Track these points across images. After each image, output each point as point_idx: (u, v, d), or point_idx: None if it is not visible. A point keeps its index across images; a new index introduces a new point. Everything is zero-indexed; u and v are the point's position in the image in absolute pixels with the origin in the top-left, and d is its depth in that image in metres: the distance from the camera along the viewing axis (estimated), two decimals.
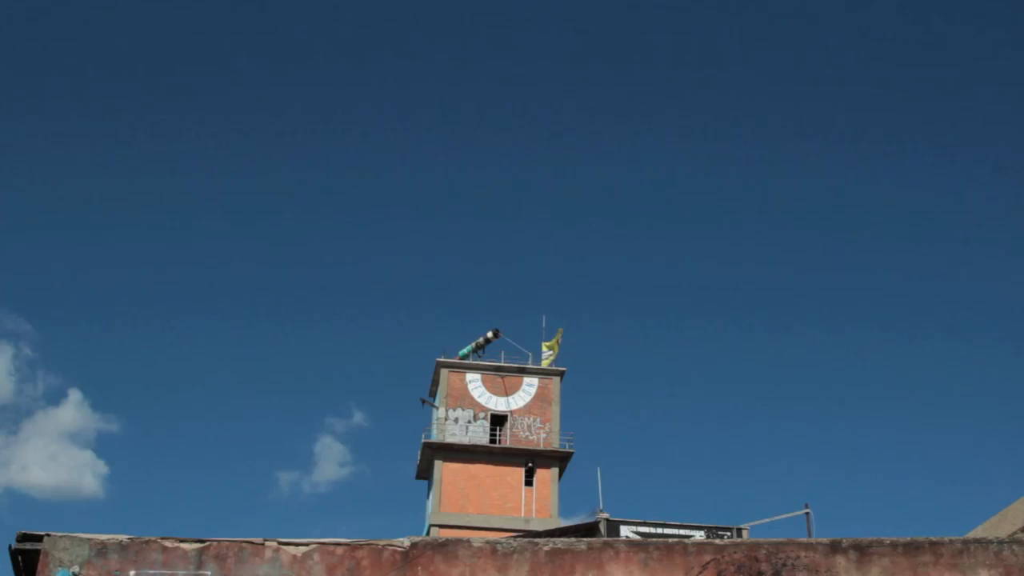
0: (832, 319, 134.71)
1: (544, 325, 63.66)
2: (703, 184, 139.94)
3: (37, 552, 19.71)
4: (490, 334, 62.84)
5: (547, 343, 62.12)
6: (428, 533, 54.69)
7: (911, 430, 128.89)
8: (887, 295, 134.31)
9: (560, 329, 61.61)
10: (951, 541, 19.96)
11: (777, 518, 34.30)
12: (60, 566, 19.51)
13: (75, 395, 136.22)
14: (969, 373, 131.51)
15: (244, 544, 19.82)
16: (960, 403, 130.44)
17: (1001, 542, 20.09)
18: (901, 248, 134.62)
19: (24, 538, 19.96)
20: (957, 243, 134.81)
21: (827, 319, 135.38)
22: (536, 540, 20.49)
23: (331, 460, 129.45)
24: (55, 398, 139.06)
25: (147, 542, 19.84)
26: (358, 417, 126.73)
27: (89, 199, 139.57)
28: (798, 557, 19.73)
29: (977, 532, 24.62)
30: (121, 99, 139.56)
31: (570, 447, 59.30)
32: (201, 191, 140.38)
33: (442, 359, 61.02)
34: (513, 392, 60.17)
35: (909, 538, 19.95)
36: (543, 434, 59.14)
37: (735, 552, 19.87)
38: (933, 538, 19.97)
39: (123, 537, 19.87)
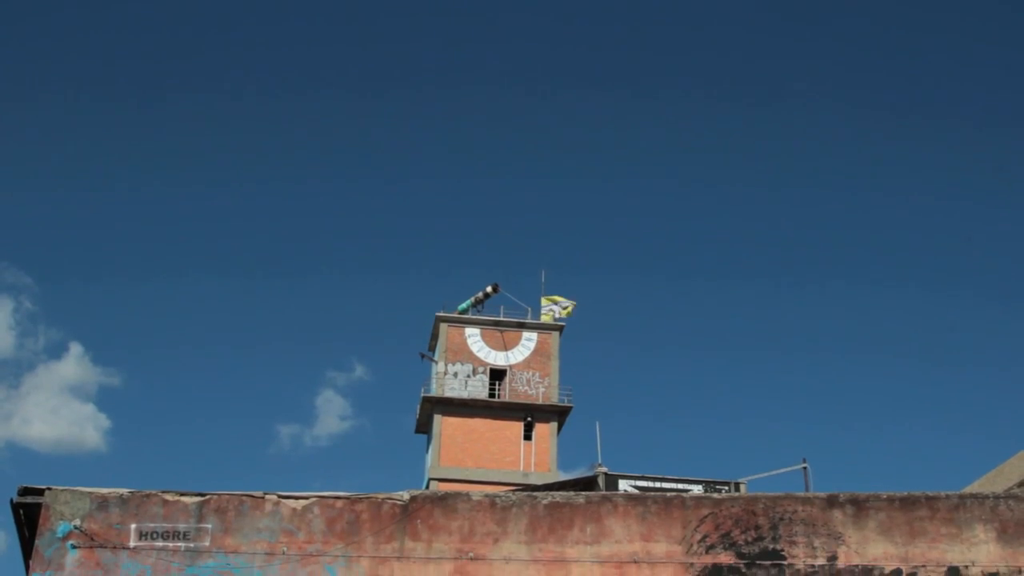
0: (831, 272, 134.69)
1: (543, 280, 63.70)
2: (703, 140, 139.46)
3: (39, 506, 19.82)
4: (489, 289, 62.81)
5: (547, 297, 62.14)
6: (427, 487, 54.97)
7: (909, 385, 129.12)
8: (887, 248, 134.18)
9: (573, 301, 61.74)
10: (947, 496, 20.08)
11: (775, 472, 34.46)
12: (61, 519, 19.63)
13: (76, 349, 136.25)
14: (968, 328, 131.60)
15: (244, 497, 19.93)
16: (959, 358, 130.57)
17: (997, 497, 20.22)
18: (900, 200, 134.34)
19: (25, 492, 20.06)
20: (959, 195, 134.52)
21: (826, 273, 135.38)
22: (535, 494, 20.62)
23: (332, 414, 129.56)
24: (56, 352, 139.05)
25: (148, 496, 19.95)
26: (359, 371, 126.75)
27: (90, 153, 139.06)
28: (795, 511, 19.86)
29: (973, 487, 24.76)
30: (123, 54, 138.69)
31: (569, 402, 59.49)
32: (202, 148, 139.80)
33: (441, 314, 61.05)
34: (512, 347, 60.23)
35: (906, 493, 20.07)
36: (542, 388, 59.27)
37: (733, 506, 20.00)
38: (930, 493, 20.10)
39: (124, 491, 19.98)
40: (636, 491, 28.39)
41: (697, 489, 31.41)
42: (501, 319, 61.48)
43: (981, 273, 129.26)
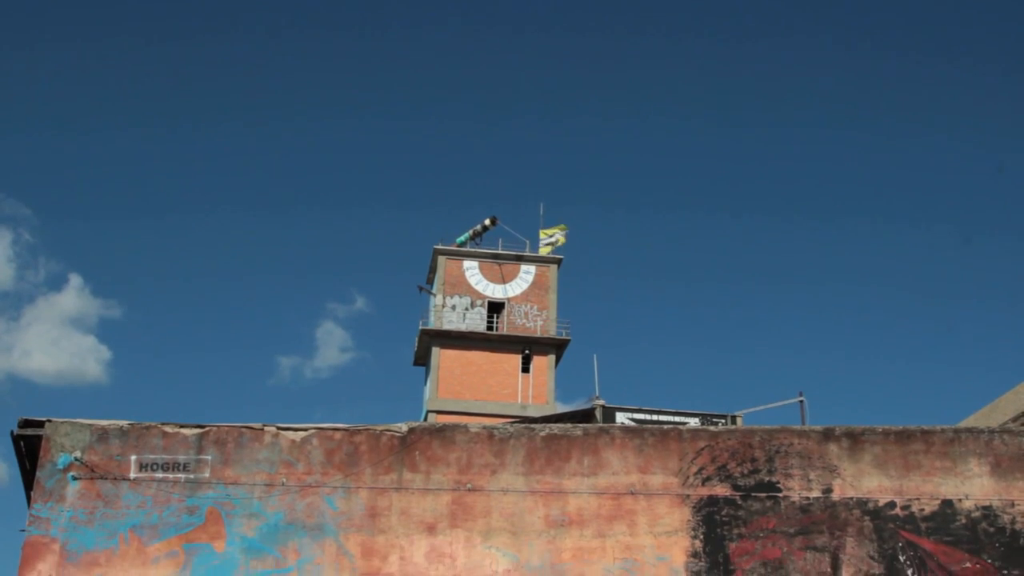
0: (829, 206, 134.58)
1: (542, 213, 63.61)
2: (702, 76, 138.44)
3: (39, 438, 19.93)
4: (487, 221, 62.73)
5: (545, 230, 62.05)
6: (425, 419, 55.30)
7: (907, 319, 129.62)
8: (886, 182, 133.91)
9: (565, 226, 61.52)
10: (942, 430, 20.20)
11: (771, 406, 34.66)
12: (62, 451, 19.74)
13: (76, 280, 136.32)
14: (966, 263, 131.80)
15: (243, 429, 20.04)
16: (956, 294, 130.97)
17: (992, 432, 20.34)
18: (901, 133, 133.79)
19: (26, 424, 20.16)
20: (960, 132, 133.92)
21: (824, 206, 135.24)
22: (532, 426, 20.73)
23: (332, 345, 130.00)
24: (56, 284, 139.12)
25: (148, 427, 20.06)
26: (360, 303, 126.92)
27: (88, 85, 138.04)
28: (791, 444, 19.99)
29: (968, 422, 24.90)
30: None
31: (567, 335, 59.66)
32: (201, 82, 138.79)
33: (439, 246, 61.01)
34: (510, 280, 60.28)
35: (901, 427, 20.19)
36: (540, 321, 59.43)
37: (729, 439, 20.12)
38: (925, 427, 20.21)
39: (124, 423, 20.09)
40: (633, 424, 28.58)
41: (694, 422, 31.61)
42: (499, 252, 61.49)
43: (981, 208, 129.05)
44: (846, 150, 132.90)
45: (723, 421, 33.47)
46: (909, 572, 19.09)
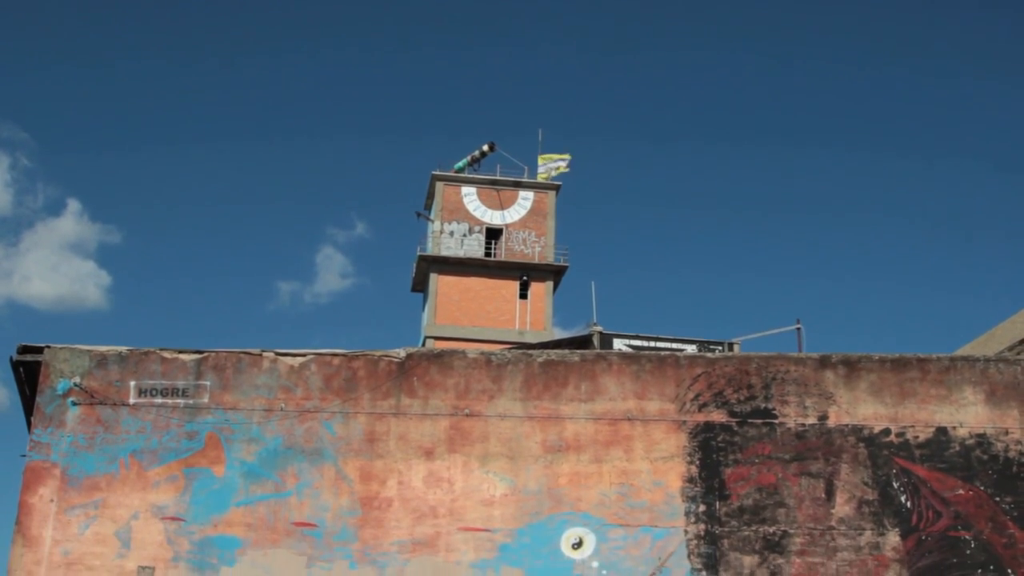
0: (828, 135, 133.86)
1: (541, 139, 63.20)
2: (703, 3, 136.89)
3: (38, 364, 19.99)
4: (486, 147, 62.36)
5: (544, 156, 61.73)
6: (423, 345, 55.47)
7: (904, 248, 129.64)
8: (884, 112, 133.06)
9: (567, 155, 61.19)
10: (938, 358, 20.28)
11: (768, 333, 34.74)
12: (61, 377, 19.81)
13: (74, 205, 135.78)
14: (964, 192, 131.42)
15: (242, 355, 20.10)
16: (954, 222, 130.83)
17: (988, 360, 20.42)
18: (901, 63, 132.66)
19: (24, 350, 20.20)
20: (957, 61, 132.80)
21: (822, 135, 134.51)
22: (530, 352, 20.80)
23: (332, 271, 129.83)
24: (55, 209, 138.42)
25: (146, 353, 20.11)
26: (360, 228, 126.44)
27: (85, 9, 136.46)
28: (788, 371, 20.07)
29: (965, 350, 24.99)
30: None
31: (565, 261, 59.63)
32: (203, 13, 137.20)
33: (437, 172, 60.73)
34: (508, 206, 60.09)
35: (897, 355, 20.26)
36: (538, 248, 59.35)
37: (726, 365, 20.21)
38: (921, 355, 20.29)
39: (122, 348, 20.13)
40: (630, 350, 28.67)
41: (691, 349, 31.71)
42: (497, 178, 61.23)
43: (981, 137, 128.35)
44: (845, 79, 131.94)
45: (720, 348, 33.58)
46: (903, 498, 19.28)
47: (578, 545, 19.05)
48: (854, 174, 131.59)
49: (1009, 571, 18.95)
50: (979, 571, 18.94)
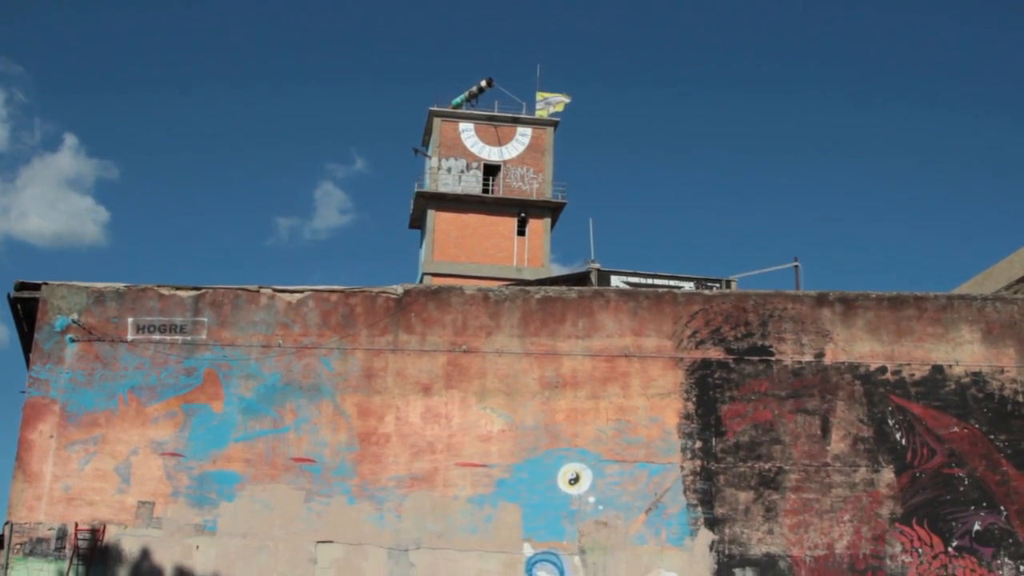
0: (826, 75, 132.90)
1: (539, 75, 62.70)
2: None
3: (36, 300, 19.98)
4: (483, 83, 61.87)
5: (542, 92, 61.29)
6: (421, 281, 55.47)
7: (903, 187, 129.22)
8: (882, 54, 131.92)
9: (567, 94, 60.75)
10: (935, 297, 20.30)
11: (766, 270, 34.77)
12: (59, 314, 19.81)
13: (71, 141, 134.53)
14: (963, 129, 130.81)
15: (239, 291, 20.10)
16: (953, 161, 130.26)
17: (984, 299, 20.44)
18: (897, 8, 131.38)
19: (22, 287, 20.18)
20: (958, 5, 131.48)
21: (821, 75, 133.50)
22: (527, 288, 20.80)
23: (331, 207, 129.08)
24: (52, 144, 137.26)
25: (144, 290, 20.11)
26: (360, 164, 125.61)
27: None
28: (785, 309, 20.10)
29: (962, 289, 25.00)
30: None
31: (563, 198, 59.42)
32: None
33: (435, 108, 60.32)
34: (506, 142, 59.76)
35: (894, 293, 20.28)
36: (536, 184, 59.13)
37: (723, 303, 20.23)
38: (918, 293, 20.31)
39: (120, 285, 20.11)
40: (628, 287, 28.67)
41: (688, 286, 31.71)
42: (495, 114, 60.86)
43: (980, 80, 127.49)
44: (843, 20, 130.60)
45: (718, 285, 33.58)
46: (898, 436, 19.40)
47: (575, 480, 19.19)
48: (853, 114, 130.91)
49: (1002, 508, 19.13)
50: (972, 508, 19.11)
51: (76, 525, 18.71)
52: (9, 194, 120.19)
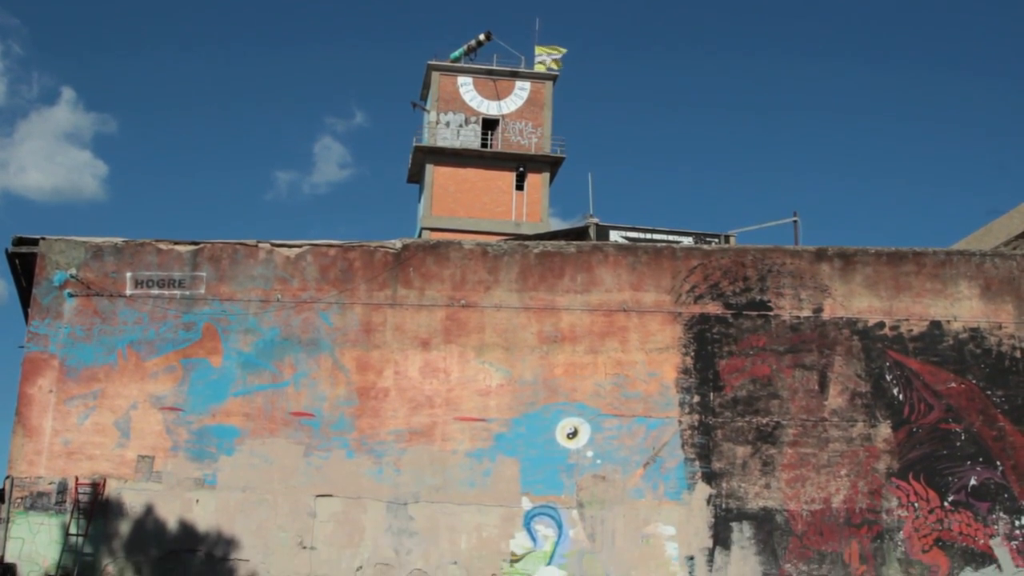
0: (826, 31, 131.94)
1: (538, 28, 62.19)
2: None
3: (34, 255, 19.94)
4: (482, 36, 61.33)
5: (541, 47, 60.83)
6: (419, 236, 55.39)
7: (903, 142, 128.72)
8: (883, 8, 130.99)
9: (562, 49, 60.26)
10: (935, 252, 20.27)
11: (765, 225, 34.65)
12: (57, 268, 19.78)
13: (68, 94, 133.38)
14: (963, 84, 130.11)
15: (238, 246, 20.06)
16: (954, 117, 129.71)
17: (983, 254, 20.42)
18: None
19: (20, 242, 20.13)
20: None
21: (821, 30, 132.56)
22: (526, 243, 20.78)
23: (330, 161, 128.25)
24: (49, 98, 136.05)
25: (142, 244, 20.07)
26: (359, 118, 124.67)
27: None
28: (784, 263, 20.08)
29: (962, 245, 24.97)
30: None
31: (561, 152, 59.09)
32: None
33: (433, 62, 59.89)
34: (505, 96, 59.36)
35: (893, 248, 20.25)
36: (534, 139, 58.78)
37: (722, 257, 20.20)
38: (917, 248, 20.28)
39: (118, 240, 20.07)
40: (627, 242, 28.64)
41: (687, 241, 31.68)
42: (494, 68, 60.42)
43: (982, 35, 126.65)
44: None
45: (716, 240, 33.53)
46: (895, 391, 19.45)
47: (573, 435, 19.26)
48: (853, 70, 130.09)
49: (998, 463, 19.21)
50: (968, 463, 19.20)
51: (76, 479, 18.79)
52: (7, 148, 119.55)
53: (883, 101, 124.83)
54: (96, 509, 18.73)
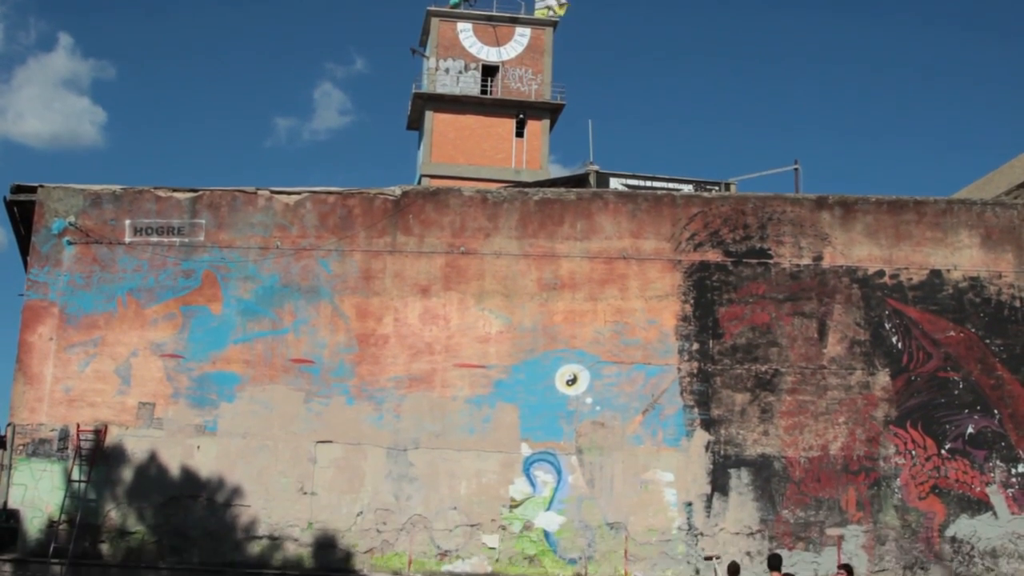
0: None
1: None
2: None
3: (32, 203, 19.89)
4: None
5: None
6: (419, 183, 55.22)
7: (905, 91, 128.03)
8: None
9: (567, 2, 59.72)
10: (935, 201, 20.23)
11: (766, 173, 34.60)
12: (56, 216, 19.73)
13: (66, 40, 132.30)
14: (966, 37, 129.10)
15: (237, 193, 20.01)
16: (956, 67, 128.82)
17: (984, 203, 20.37)
18: None
19: (18, 189, 20.07)
20: None
21: None
22: (526, 190, 20.72)
23: (330, 107, 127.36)
24: (47, 44, 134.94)
25: (140, 192, 20.01)
26: (359, 64, 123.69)
27: None
28: (784, 212, 20.04)
29: (962, 194, 24.88)
30: None
31: (561, 99, 58.78)
32: None
33: (433, 7, 59.42)
34: (505, 42, 58.93)
35: (894, 196, 20.20)
36: (534, 85, 58.45)
37: (722, 205, 20.16)
38: (918, 197, 20.23)
39: (116, 187, 20.01)
40: (627, 189, 28.56)
41: (688, 188, 31.63)
42: (494, 13, 59.94)
43: None
44: None
45: (717, 188, 33.46)
46: (894, 339, 19.48)
47: (572, 381, 19.32)
48: (854, 20, 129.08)
49: (996, 412, 19.29)
50: (966, 411, 19.28)
51: (78, 426, 18.87)
52: (4, 95, 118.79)
53: (885, 51, 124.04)
54: (98, 456, 18.84)
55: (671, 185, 32.48)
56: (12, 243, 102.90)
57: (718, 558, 18.45)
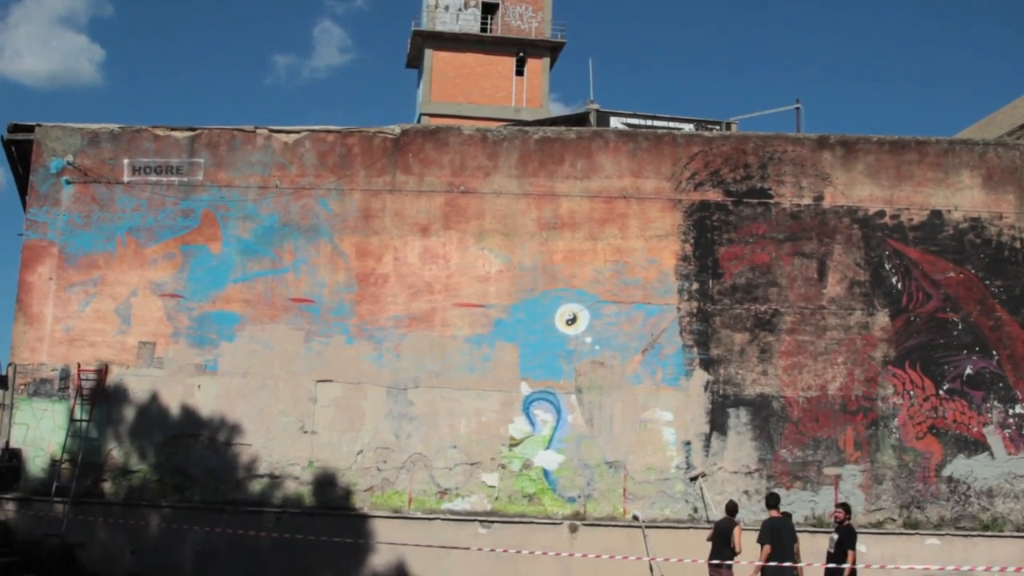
0: None
1: None
2: None
3: (30, 142, 19.78)
4: None
5: None
6: (419, 122, 54.92)
7: (908, 29, 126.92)
8: None
9: None
10: (937, 141, 20.12)
11: (767, 112, 34.51)
12: (54, 156, 19.64)
13: None
14: None
15: (235, 132, 19.90)
16: (959, 3, 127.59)
17: (987, 144, 20.26)
18: None
19: (15, 129, 19.95)
20: None
21: None
22: (526, 129, 20.61)
23: (330, 45, 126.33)
24: None
25: (139, 131, 19.90)
26: (359, 0, 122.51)
27: None
28: (785, 151, 19.94)
29: (964, 134, 24.78)
30: None
31: (562, 37, 58.42)
32: None
33: None
34: None
35: (896, 136, 20.09)
36: (535, 23, 58.04)
37: (723, 144, 20.06)
38: (920, 137, 20.12)
39: (115, 126, 19.90)
40: (627, 128, 28.42)
41: (688, 127, 31.45)
42: None
43: None
44: None
45: (718, 127, 33.33)
46: (894, 280, 19.48)
47: (572, 321, 19.35)
48: None
49: (994, 353, 19.34)
50: (965, 352, 19.33)
51: (79, 366, 18.93)
52: (1, 33, 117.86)
53: None
54: (99, 395, 18.92)
55: (672, 124, 32.32)
56: (11, 182, 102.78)
57: (704, 475, 18.64)
